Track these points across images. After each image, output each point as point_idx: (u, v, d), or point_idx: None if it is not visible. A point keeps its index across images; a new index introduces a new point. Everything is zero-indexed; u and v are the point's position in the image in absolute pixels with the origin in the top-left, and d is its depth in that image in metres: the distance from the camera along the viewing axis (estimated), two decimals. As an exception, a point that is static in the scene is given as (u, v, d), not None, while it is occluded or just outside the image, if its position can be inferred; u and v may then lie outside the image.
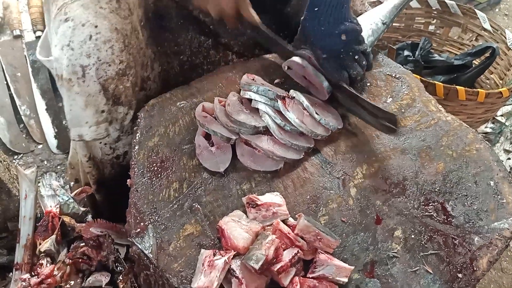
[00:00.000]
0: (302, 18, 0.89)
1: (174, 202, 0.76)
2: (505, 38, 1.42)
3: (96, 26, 0.79)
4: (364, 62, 0.90)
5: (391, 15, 0.99)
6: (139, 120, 0.86)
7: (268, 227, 0.72)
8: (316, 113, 0.84)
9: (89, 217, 1.04)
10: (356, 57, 0.88)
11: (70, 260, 0.92)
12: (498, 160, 0.85)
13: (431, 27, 1.59)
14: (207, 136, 0.83)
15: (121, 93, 0.86)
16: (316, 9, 0.85)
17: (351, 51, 0.87)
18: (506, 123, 1.51)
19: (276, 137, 0.81)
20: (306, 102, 0.84)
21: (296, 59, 0.90)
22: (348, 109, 0.90)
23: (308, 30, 0.88)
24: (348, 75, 0.88)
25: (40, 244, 0.95)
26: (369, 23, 0.97)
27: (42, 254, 0.94)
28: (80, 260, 0.92)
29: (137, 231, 0.72)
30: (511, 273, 1.24)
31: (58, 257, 0.95)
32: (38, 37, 1.59)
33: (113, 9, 0.83)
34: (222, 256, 0.67)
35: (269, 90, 0.84)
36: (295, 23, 0.91)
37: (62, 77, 0.81)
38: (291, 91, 0.87)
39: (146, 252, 0.70)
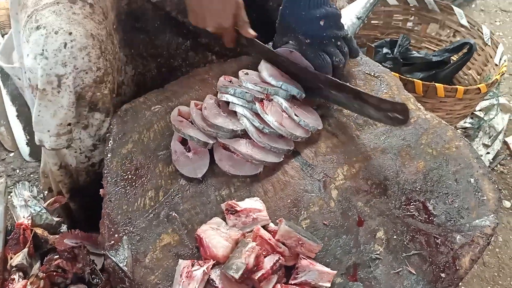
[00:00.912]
0: (280, 7, 0.88)
1: (150, 211, 0.73)
2: (482, 34, 1.44)
3: (70, 33, 0.76)
4: (345, 49, 0.89)
5: (366, 10, 0.99)
6: (111, 126, 0.83)
7: (249, 233, 0.70)
8: (295, 114, 0.82)
9: (64, 228, 1.00)
10: (338, 43, 0.88)
11: (44, 274, 0.88)
12: (478, 157, 0.85)
13: (409, 24, 1.60)
14: (184, 141, 0.80)
15: (99, 100, 0.82)
16: None
17: (333, 36, 0.87)
18: (485, 118, 1.53)
19: (255, 140, 0.79)
20: (284, 104, 0.82)
21: (283, 47, 0.89)
22: (347, 107, 0.88)
23: (288, 17, 0.87)
24: (330, 62, 0.87)
25: (11, 258, 0.91)
26: (344, 19, 0.96)
27: (14, 269, 0.90)
28: (54, 273, 0.88)
29: (111, 243, 0.69)
30: (493, 267, 1.25)
31: (31, 271, 0.90)
32: (7, 41, 1.53)
33: (87, 14, 0.79)
34: (201, 266, 0.65)
35: (246, 92, 0.81)
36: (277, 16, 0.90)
37: (37, 87, 0.77)
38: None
39: (121, 265, 0.67)
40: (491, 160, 1.47)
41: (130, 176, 0.76)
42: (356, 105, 0.84)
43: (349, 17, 0.98)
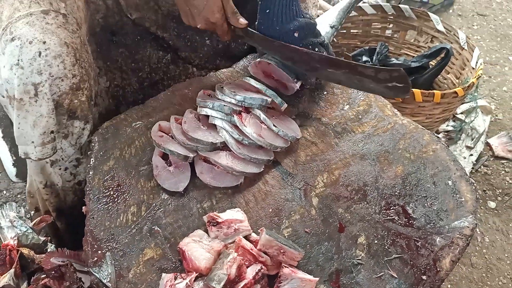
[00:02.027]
0: (256, 23, 0.91)
1: (133, 226, 0.74)
2: (458, 38, 1.47)
3: (44, 42, 0.77)
4: (325, 52, 0.92)
5: (339, 19, 1.02)
6: (93, 144, 0.84)
7: (231, 244, 0.71)
8: (274, 125, 0.83)
9: (51, 247, 1.00)
10: (316, 49, 0.91)
11: (31, 294, 0.88)
12: (455, 159, 0.87)
13: (388, 32, 1.63)
14: (165, 156, 0.81)
15: (77, 107, 0.83)
16: (267, 11, 0.87)
17: (310, 44, 0.90)
18: (466, 120, 1.56)
19: (235, 152, 0.80)
20: (262, 115, 0.84)
21: (259, 59, 0.92)
22: (347, 84, 0.90)
23: (264, 32, 0.90)
24: None
25: (-3, 279, 0.91)
26: (318, 28, 0.99)
27: (1, 290, 0.90)
28: (41, 293, 0.88)
29: (94, 260, 0.70)
30: (481, 267, 1.26)
31: (18, 292, 0.90)
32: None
33: (60, 24, 0.81)
34: (184, 279, 0.65)
35: (224, 105, 0.83)
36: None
37: (14, 97, 0.78)
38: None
39: (105, 281, 0.67)
40: (475, 162, 1.50)
41: (112, 193, 0.77)
42: (355, 80, 0.85)
43: (322, 26, 1.01)
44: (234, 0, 0.87)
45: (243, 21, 0.88)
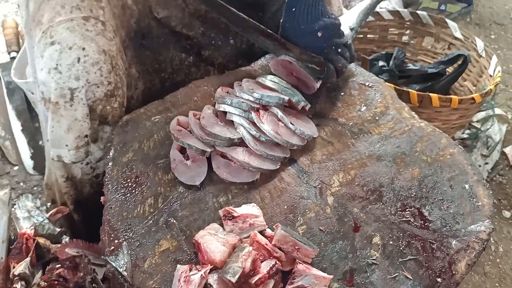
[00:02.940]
0: (281, 20, 0.92)
1: (149, 217, 0.74)
2: (476, 46, 1.47)
3: (83, 49, 0.79)
4: (347, 54, 0.94)
5: (358, 21, 1.02)
6: (112, 136, 0.85)
7: (246, 239, 0.71)
8: (291, 123, 0.84)
9: (66, 238, 1.01)
10: (339, 50, 0.92)
11: (46, 283, 0.89)
12: (472, 163, 0.86)
13: (405, 38, 1.63)
14: (183, 150, 0.82)
15: (109, 114, 0.85)
16: (293, 9, 0.88)
17: (333, 45, 0.91)
18: (482, 129, 1.55)
19: (252, 148, 0.81)
20: (280, 113, 0.84)
21: (282, 56, 0.93)
22: (273, 52, 0.95)
23: (288, 31, 0.91)
24: (334, 68, 0.92)
25: (14, 267, 0.92)
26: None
27: (16, 278, 0.91)
28: (56, 282, 0.89)
29: (111, 249, 0.70)
30: (494, 277, 1.25)
31: (33, 280, 0.91)
32: (12, 58, 1.57)
33: (99, 31, 0.83)
34: (199, 270, 0.66)
35: (242, 102, 0.84)
36: (275, 27, 0.94)
37: (50, 100, 0.80)
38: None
39: (121, 270, 0.68)
40: (490, 171, 1.48)
41: (130, 184, 0.78)
42: (282, 52, 0.91)
43: (342, 28, 1.01)
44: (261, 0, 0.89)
45: None
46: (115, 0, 0.94)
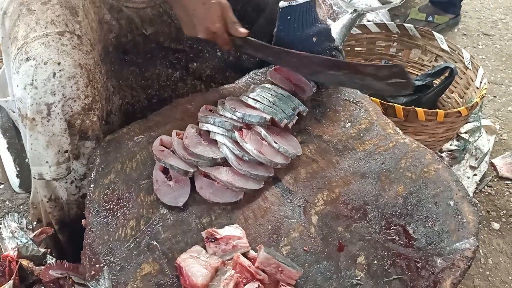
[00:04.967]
0: (275, 30, 0.93)
1: (131, 240, 0.74)
2: (463, 57, 1.48)
3: (59, 63, 0.79)
4: (340, 56, 0.97)
5: (340, 35, 1.04)
6: (94, 157, 0.84)
7: (229, 261, 0.71)
8: (275, 141, 0.84)
9: (51, 259, 1.00)
10: (333, 52, 0.95)
11: (28, 306, 0.88)
12: (457, 180, 0.86)
13: (392, 50, 1.64)
14: (165, 171, 0.82)
15: (88, 128, 0.84)
16: (288, 17, 0.91)
17: (327, 48, 0.95)
18: (470, 140, 1.55)
19: (235, 168, 0.80)
20: (263, 132, 0.84)
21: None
22: (349, 85, 0.95)
23: (284, 38, 0.93)
24: None
25: (-4, 291, 0.91)
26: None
27: (-2, 302, 0.90)
28: (39, 305, 0.88)
29: (92, 273, 0.69)
30: (484, 289, 1.24)
31: (15, 303, 0.90)
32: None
33: (75, 45, 0.82)
34: (180, 295, 0.65)
35: (225, 121, 0.83)
36: (268, 32, 0.96)
37: (27, 116, 0.79)
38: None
39: (101, 295, 0.67)
40: (478, 182, 1.48)
41: (112, 206, 0.77)
42: (357, 80, 0.89)
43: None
44: (243, 12, 0.90)
45: (243, 30, 0.90)
46: (92, 14, 0.94)
